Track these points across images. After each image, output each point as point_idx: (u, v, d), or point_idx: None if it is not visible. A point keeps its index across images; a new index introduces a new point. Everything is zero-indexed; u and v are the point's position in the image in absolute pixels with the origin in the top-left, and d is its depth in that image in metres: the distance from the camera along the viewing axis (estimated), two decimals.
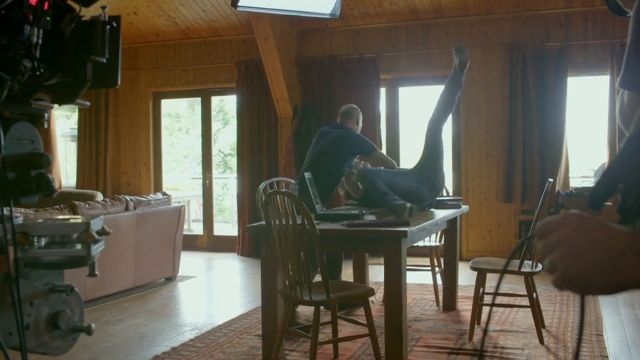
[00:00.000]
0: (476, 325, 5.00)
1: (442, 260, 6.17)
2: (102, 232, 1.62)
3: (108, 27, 1.55)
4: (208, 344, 5.00)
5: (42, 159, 1.51)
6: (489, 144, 8.65)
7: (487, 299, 5.46)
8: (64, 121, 14.30)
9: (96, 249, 1.55)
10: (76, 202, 6.29)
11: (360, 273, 5.96)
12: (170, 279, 7.51)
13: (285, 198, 3.99)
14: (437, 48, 8.82)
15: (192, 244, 9.89)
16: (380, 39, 9.06)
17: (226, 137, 15.82)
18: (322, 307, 4.86)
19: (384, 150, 9.03)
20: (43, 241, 1.53)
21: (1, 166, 1.37)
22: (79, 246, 1.54)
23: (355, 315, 5.63)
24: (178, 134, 16.60)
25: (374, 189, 5.19)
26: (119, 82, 1.67)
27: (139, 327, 5.60)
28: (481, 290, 5.00)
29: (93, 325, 1.72)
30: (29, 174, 1.49)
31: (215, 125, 11.10)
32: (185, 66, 10.08)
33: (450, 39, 8.69)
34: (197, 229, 11.86)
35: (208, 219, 10.20)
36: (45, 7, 1.45)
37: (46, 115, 1.60)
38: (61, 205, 6.22)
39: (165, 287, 7.22)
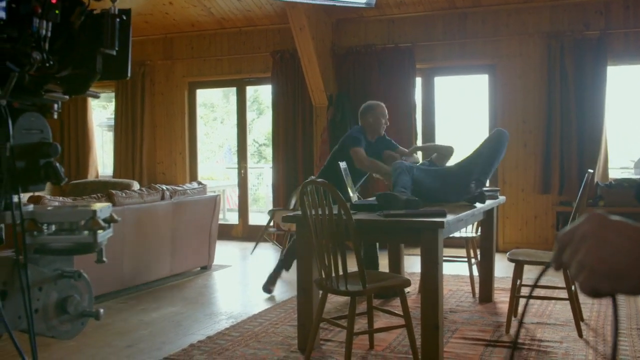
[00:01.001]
0: (513, 318, 4.95)
1: (478, 251, 6.11)
2: (110, 220, 1.67)
3: (118, 20, 1.59)
4: (243, 333, 5.02)
5: (51, 148, 1.54)
6: (526, 134, 8.55)
7: (525, 291, 5.40)
8: (100, 111, 14.43)
9: (103, 236, 1.59)
10: (113, 191, 6.34)
11: (396, 264, 5.94)
12: (206, 268, 7.55)
13: (321, 187, 3.98)
14: (473, 37, 8.73)
15: (227, 233, 9.94)
16: (416, 28, 8.99)
17: (261, 127, 15.85)
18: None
19: (419, 141, 8.98)
20: (53, 228, 1.55)
21: (10, 155, 1.38)
22: (86, 233, 1.56)
23: (390, 305, 5.60)
24: (213, 123, 16.67)
25: (393, 183, 5.15)
26: (129, 74, 1.73)
27: (175, 315, 5.64)
28: (518, 282, 4.94)
29: (102, 310, 1.75)
30: (38, 163, 1.51)
31: (249, 115, 11.11)
32: (220, 56, 10.10)
33: (487, 28, 8.60)
34: (232, 218, 11.90)
35: (243, 209, 10.24)
36: (54, 0, 1.47)
37: (56, 106, 1.62)
38: (98, 194, 6.28)
39: (200, 276, 7.27)
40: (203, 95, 10.86)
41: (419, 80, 9.07)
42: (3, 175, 1.42)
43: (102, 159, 11.79)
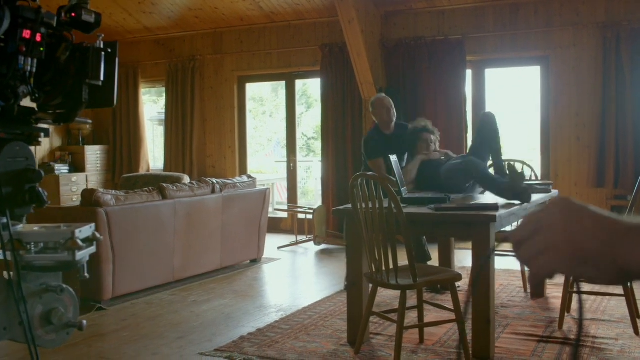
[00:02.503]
0: (566, 314, 4.86)
1: None
2: (93, 239, 1.79)
3: (103, 53, 1.71)
4: (293, 325, 5.03)
5: (34, 175, 1.67)
6: (580, 127, 8.38)
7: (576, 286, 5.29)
8: (151, 106, 14.61)
9: (82, 255, 1.71)
10: (164, 185, 6.42)
11: (446, 257, 5.89)
12: (256, 260, 7.59)
13: (372, 181, 3.96)
14: (525, 28, 8.58)
15: (276, 226, 9.98)
16: (466, 19, 8.88)
17: (309, 120, 15.87)
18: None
19: (469, 135, 8.89)
20: (40, 246, 1.69)
21: None
22: (66, 252, 1.70)
23: (440, 300, 5.56)
24: (262, 117, 16.75)
25: (484, 175, 5.04)
26: (115, 103, 1.84)
27: (225, 307, 5.69)
28: (572, 278, 4.85)
29: (84, 321, 1.88)
30: (23, 188, 1.65)
31: (298, 109, 11.13)
32: (269, 50, 10.13)
33: (540, 19, 8.46)
34: (280, 212, 11.93)
35: (292, 202, 10.26)
36: (38, 39, 1.61)
37: (42, 134, 1.75)
38: (150, 188, 6.36)
39: (250, 269, 7.31)
40: (252, 89, 10.92)
41: (469, 73, 8.97)
42: None
43: (153, 153, 11.94)
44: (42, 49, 1.63)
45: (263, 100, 16.54)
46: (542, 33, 8.50)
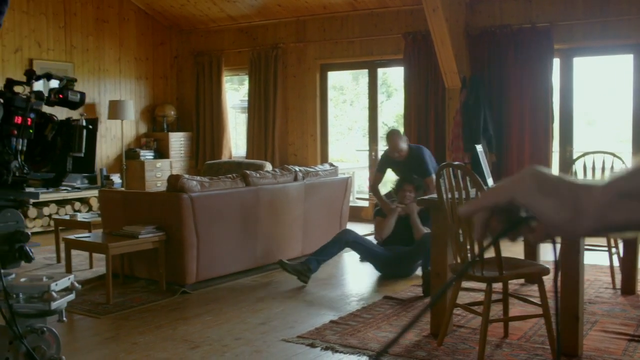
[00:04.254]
0: None
1: (619, 241, 5.83)
2: (71, 288, 2.10)
3: (85, 130, 2.03)
4: (375, 315, 5.02)
5: (23, 236, 1.98)
6: None
7: None
8: (233, 94, 14.78)
9: (58, 304, 1.97)
10: (247, 172, 6.48)
11: (531, 250, 5.76)
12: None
13: (459, 171, 3.90)
14: (616, 15, 8.28)
15: (357, 215, 9.97)
16: (554, 7, 8.63)
17: (390, 109, 15.77)
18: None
19: (556, 125, 8.67)
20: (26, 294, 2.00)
21: None
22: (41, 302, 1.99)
23: (525, 294, 5.44)
24: (342, 106, 16.74)
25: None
26: (94, 171, 2.14)
27: (307, 295, 5.71)
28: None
29: (63, 357, 2.12)
30: (14, 247, 1.94)
31: (379, 98, 11.06)
32: (352, 38, 10.10)
33: (632, 6, 8.15)
34: (361, 200, 11.90)
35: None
36: (28, 123, 1.93)
37: (31, 200, 2.07)
38: (233, 175, 6.43)
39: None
40: (333, 78, 10.92)
41: (556, 62, 8.73)
42: None
43: (235, 140, 12.08)
44: (31, 131, 1.95)
45: (343, 88, 16.52)
46: (635, 20, 8.18)
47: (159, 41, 11.71)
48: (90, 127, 2.07)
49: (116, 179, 10.26)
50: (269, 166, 8.44)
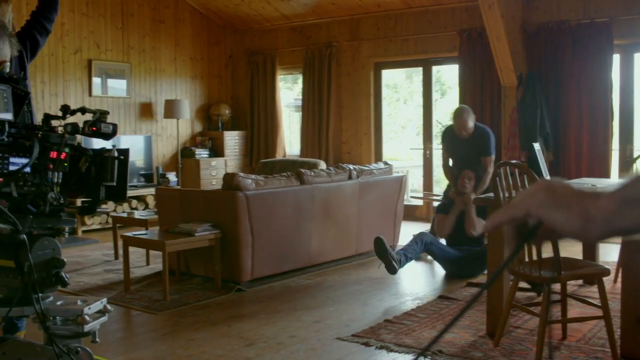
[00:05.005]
0: None
1: None
2: (104, 311, 2.23)
3: (117, 160, 2.20)
4: (430, 314, 4.98)
5: (59, 263, 2.13)
6: None
7: None
8: (287, 92, 14.84)
9: (91, 326, 2.14)
10: (302, 170, 6.50)
11: (590, 250, 5.65)
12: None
13: (516, 169, 3.84)
14: None
15: (411, 214, 9.91)
16: (614, 1, 8.43)
17: (444, 107, 15.64)
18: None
19: (616, 123, 8.48)
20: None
21: (29, 271, 2.03)
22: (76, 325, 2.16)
23: (584, 294, 5.34)
24: (396, 104, 16.66)
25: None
26: (126, 198, 2.43)
27: (361, 294, 5.70)
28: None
29: None
30: (51, 273, 2.11)
31: (432, 96, 10.97)
32: (406, 36, 10.04)
33: None
34: (415, 199, 11.84)
35: (428, 190, 10.17)
36: (63, 157, 2.10)
37: (68, 228, 2.23)
38: (288, 173, 6.46)
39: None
40: (386, 76, 10.87)
41: (616, 57, 8.53)
42: (28, 283, 2.04)
43: (289, 139, 12.12)
44: (65, 164, 2.13)
45: (397, 87, 16.45)
46: None
47: (214, 41, 11.82)
48: (122, 157, 2.23)
49: (172, 177, 10.40)
50: (322, 165, 8.45)
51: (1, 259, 2.14)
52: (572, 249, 6.32)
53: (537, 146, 4.92)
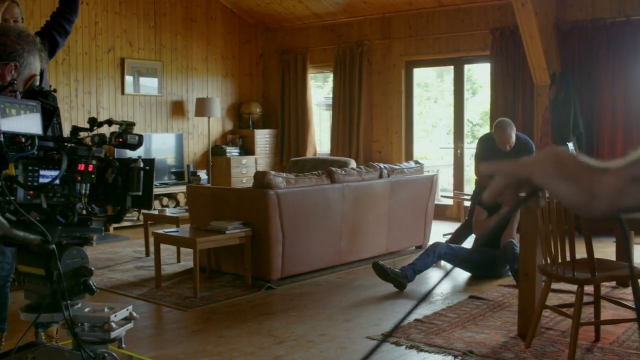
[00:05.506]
0: None
1: None
2: (130, 318, 2.32)
3: (142, 171, 2.27)
4: (460, 315, 4.95)
5: (87, 272, 2.20)
6: None
7: None
8: (317, 91, 14.85)
9: (117, 333, 2.23)
10: (333, 169, 6.50)
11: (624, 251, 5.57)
12: (421, 247, 7.51)
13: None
14: None
15: (442, 213, 9.86)
16: None
17: (474, 106, 15.54)
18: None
19: None
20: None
21: (57, 279, 2.10)
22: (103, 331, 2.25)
23: (617, 297, 5.27)
24: (426, 103, 16.60)
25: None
26: (152, 207, 2.47)
27: (391, 293, 5.69)
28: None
29: None
30: (79, 282, 2.18)
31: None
32: (438, 34, 9.98)
33: None
34: (446, 198, 11.78)
35: (458, 189, 10.11)
36: (90, 169, 2.17)
37: (95, 237, 2.33)
38: (319, 171, 6.46)
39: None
40: (416, 75, 10.82)
41: None
42: (57, 291, 2.12)
43: (320, 138, 12.12)
44: (93, 176, 2.20)
45: (428, 85, 16.38)
46: None
47: (245, 39, 11.86)
48: (147, 168, 2.31)
49: (202, 175, 10.45)
50: (353, 163, 8.45)
51: (31, 267, 2.23)
52: (604, 250, 6.25)
53: (570, 145, 4.87)
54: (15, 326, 4.54)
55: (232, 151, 11.15)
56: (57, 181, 2.13)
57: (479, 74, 14.12)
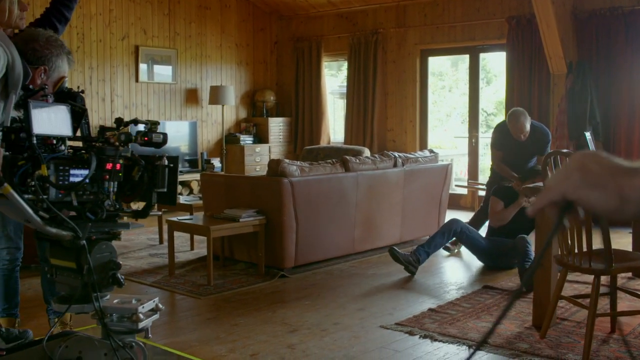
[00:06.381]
0: None
1: None
2: (156, 309, 2.45)
3: (167, 168, 2.39)
4: (474, 304, 4.93)
5: (115, 265, 2.35)
6: None
7: None
8: (332, 79, 14.81)
9: (145, 323, 2.37)
10: (347, 157, 6.47)
11: None
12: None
13: (567, 158, 3.76)
14: None
15: (456, 203, 9.82)
16: None
17: (488, 96, 15.45)
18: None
19: None
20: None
21: (88, 273, 2.23)
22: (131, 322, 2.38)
23: (634, 288, 5.22)
24: (441, 92, 16.52)
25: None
26: (175, 203, 2.64)
27: (405, 282, 5.67)
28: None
29: None
30: (108, 275, 2.33)
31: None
32: (453, 23, 9.91)
33: None
34: (460, 188, 11.73)
35: (473, 179, 10.06)
36: (117, 168, 2.29)
37: (122, 232, 2.46)
38: (333, 160, 6.44)
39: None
40: (431, 64, 10.75)
41: None
42: (87, 283, 2.25)
43: (334, 126, 12.09)
44: (120, 174, 2.32)
45: (442, 74, 16.29)
46: None
47: (259, 27, 11.82)
48: (171, 165, 2.42)
49: (216, 162, 10.46)
50: (367, 152, 8.42)
51: (63, 260, 2.33)
52: (621, 241, 6.20)
53: (588, 135, 4.82)
54: (30, 312, 4.57)
55: (246, 139, 11.14)
56: (87, 180, 2.24)
57: (493, 63, 14.05)
